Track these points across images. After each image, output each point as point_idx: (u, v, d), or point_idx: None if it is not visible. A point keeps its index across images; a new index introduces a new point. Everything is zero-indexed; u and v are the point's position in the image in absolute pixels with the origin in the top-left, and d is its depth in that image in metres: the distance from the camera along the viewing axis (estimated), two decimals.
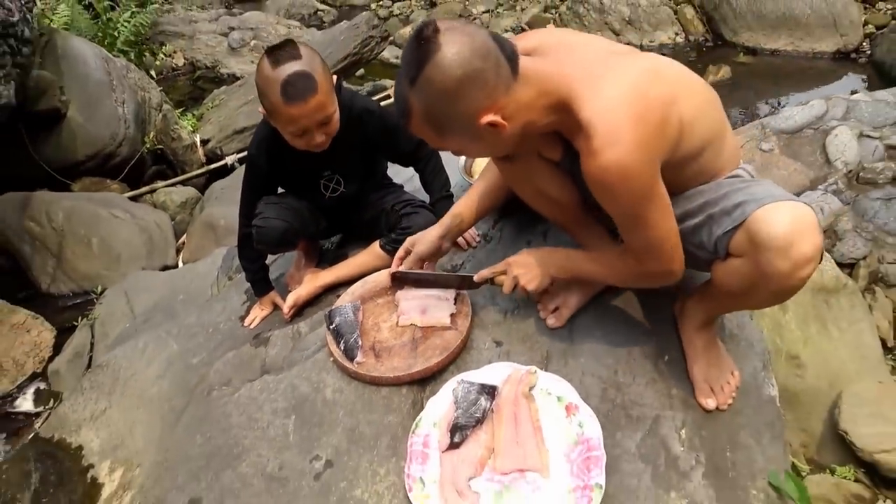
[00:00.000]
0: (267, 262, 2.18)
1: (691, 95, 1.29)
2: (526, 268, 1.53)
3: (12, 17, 3.12)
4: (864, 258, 2.36)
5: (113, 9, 5.70)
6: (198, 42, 6.94)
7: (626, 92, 1.18)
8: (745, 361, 1.62)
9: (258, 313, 2.05)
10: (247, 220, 1.89)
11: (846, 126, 2.84)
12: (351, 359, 1.63)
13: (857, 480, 1.80)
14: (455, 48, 1.16)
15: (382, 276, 1.84)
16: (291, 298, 1.93)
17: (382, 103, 5.01)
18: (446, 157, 1.99)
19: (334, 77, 1.72)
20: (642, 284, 1.55)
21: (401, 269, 1.74)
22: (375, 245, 1.95)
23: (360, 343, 1.65)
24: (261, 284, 2.04)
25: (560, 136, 1.39)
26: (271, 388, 1.71)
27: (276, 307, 2.05)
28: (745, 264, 1.24)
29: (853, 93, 3.18)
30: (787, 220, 1.16)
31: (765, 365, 1.64)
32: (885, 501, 1.74)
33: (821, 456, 1.90)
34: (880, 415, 1.83)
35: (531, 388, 1.51)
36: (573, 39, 1.37)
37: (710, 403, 1.49)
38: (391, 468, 1.46)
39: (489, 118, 1.20)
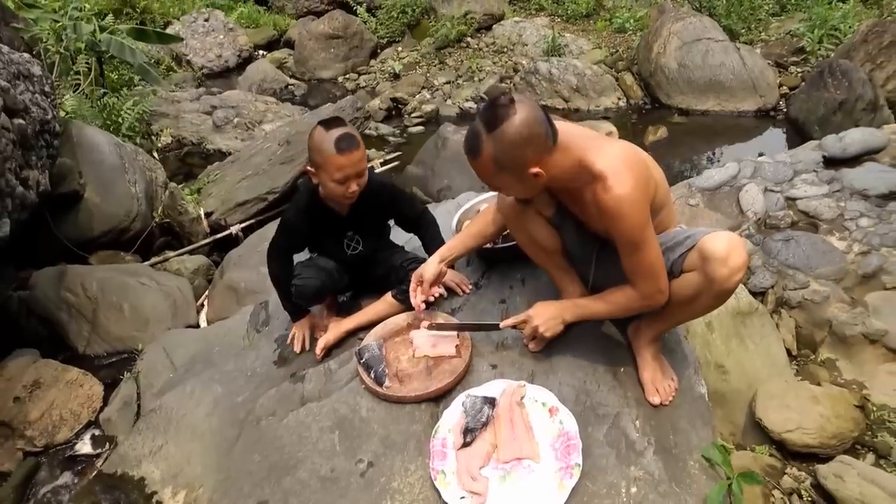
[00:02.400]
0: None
1: (655, 167, 1.75)
2: (543, 318, 1.86)
3: (47, 116, 3.49)
4: (772, 287, 2.77)
5: (104, 95, 6.07)
6: (183, 121, 7.04)
7: (622, 155, 1.64)
8: (682, 369, 1.99)
9: (301, 334, 2.33)
10: (280, 266, 2.26)
11: (754, 183, 3.29)
12: (380, 384, 1.96)
13: (770, 455, 2.18)
14: (525, 115, 1.57)
15: (399, 319, 2.19)
16: (322, 342, 2.24)
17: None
18: (441, 225, 2.43)
19: None
20: (637, 310, 1.80)
21: (421, 302, 2.07)
22: (388, 296, 2.28)
23: (386, 372, 1.99)
24: (298, 309, 2.34)
25: (554, 197, 1.86)
26: (315, 413, 1.99)
27: (312, 326, 2.35)
28: (695, 275, 1.67)
29: (760, 155, 3.68)
30: (725, 241, 1.61)
31: (696, 371, 2.01)
32: (790, 468, 2.16)
33: (744, 440, 2.28)
34: (785, 405, 2.23)
35: (522, 398, 1.84)
36: (567, 125, 1.77)
37: (657, 401, 1.86)
38: (419, 465, 1.77)
39: (536, 170, 1.62)
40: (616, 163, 1.62)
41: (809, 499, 2.09)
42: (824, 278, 2.77)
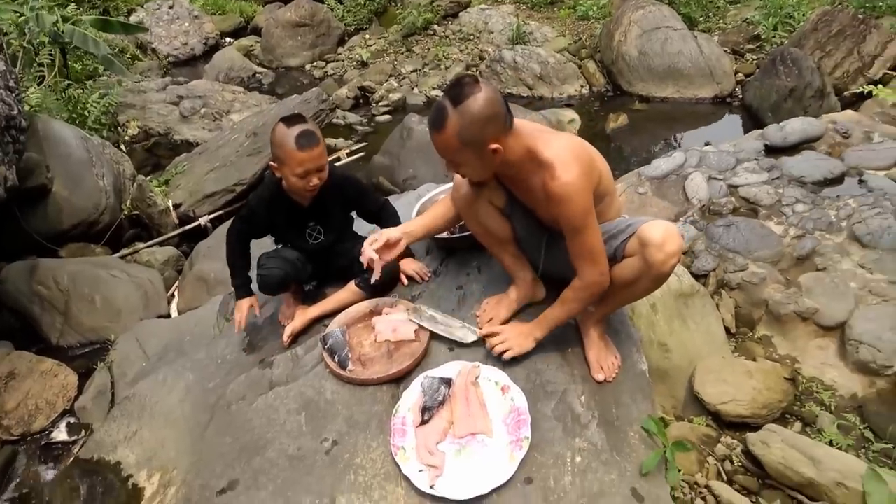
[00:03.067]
0: (262, 303, 2.65)
1: (600, 158, 1.89)
2: (516, 338, 1.99)
3: (13, 111, 3.50)
4: (714, 270, 2.94)
5: (68, 87, 6.02)
6: (149, 111, 7.04)
7: (568, 146, 1.79)
8: (625, 347, 2.12)
9: (240, 315, 2.35)
10: (235, 246, 2.38)
11: (699, 171, 3.44)
12: (344, 368, 2.06)
13: (707, 426, 2.35)
14: (488, 94, 1.70)
15: (361, 307, 2.30)
16: (289, 330, 2.33)
17: (337, 164, 5.51)
18: (402, 215, 2.53)
19: None
20: (588, 299, 1.91)
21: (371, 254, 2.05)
22: (351, 284, 2.38)
23: (349, 356, 2.09)
24: (243, 290, 2.39)
25: (505, 189, 1.99)
26: (283, 396, 2.08)
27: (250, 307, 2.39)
28: (635, 260, 1.82)
29: (706, 144, 3.87)
30: (661, 229, 1.75)
31: (638, 349, 2.15)
32: (724, 437, 2.33)
33: (684, 413, 2.44)
34: (722, 380, 2.40)
35: (476, 378, 1.96)
36: (520, 118, 1.89)
37: (601, 377, 1.99)
38: (380, 442, 1.87)
39: (495, 146, 1.74)
40: (563, 153, 1.76)
41: (740, 464, 2.27)
42: (762, 261, 2.95)
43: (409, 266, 2.43)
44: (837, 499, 2.05)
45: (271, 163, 2.18)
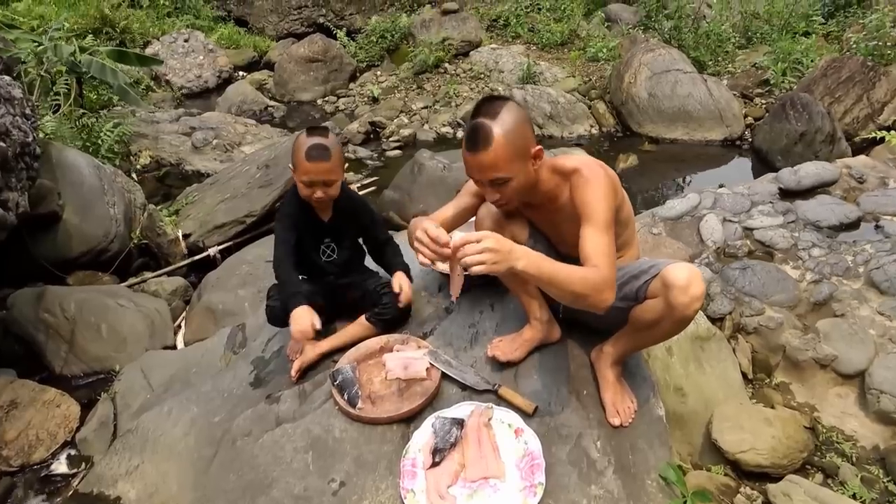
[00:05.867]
0: (270, 336, 2.63)
1: (620, 186, 1.90)
2: (496, 252, 1.54)
3: (28, 138, 3.53)
4: (730, 313, 2.89)
5: (83, 116, 6.09)
6: (162, 142, 7.02)
7: (590, 158, 1.87)
8: (641, 391, 2.09)
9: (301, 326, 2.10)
10: (283, 250, 2.24)
11: (713, 213, 3.44)
12: (353, 406, 2.03)
13: (725, 475, 2.28)
14: (514, 103, 1.78)
15: (372, 343, 2.27)
16: (297, 364, 2.30)
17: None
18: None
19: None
20: (585, 292, 1.63)
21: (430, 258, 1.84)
22: (362, 318, 2.36)
23: (359, 394, 2.06)
24: (298, 297, 2.16)
25: (528, 221, 2.02)
26: (290, 433, 2.05)
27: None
28: (658, 302, 1.80)
29: (720, 186, 3.85)
30: (686, 272, 1.74)
31: (655, 393, 2.11)
32: (744, 487, 2.26)
33: (701, 460, 2.38)
34: (740, 427, 2.35)
35: (489, 419, 1.92)
36: None
37: (617, 422, 1.95)
38: (389, 483, 1.83)
39: (536, 147, 1.80)
40: (587, 160, 1.86)
41: None
42: (778, 305, 2.91)
43: (401, 281, 2.38)
44: None
45: (289, 165, 2.25)
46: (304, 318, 2.09)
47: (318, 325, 2.11)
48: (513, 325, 2.29)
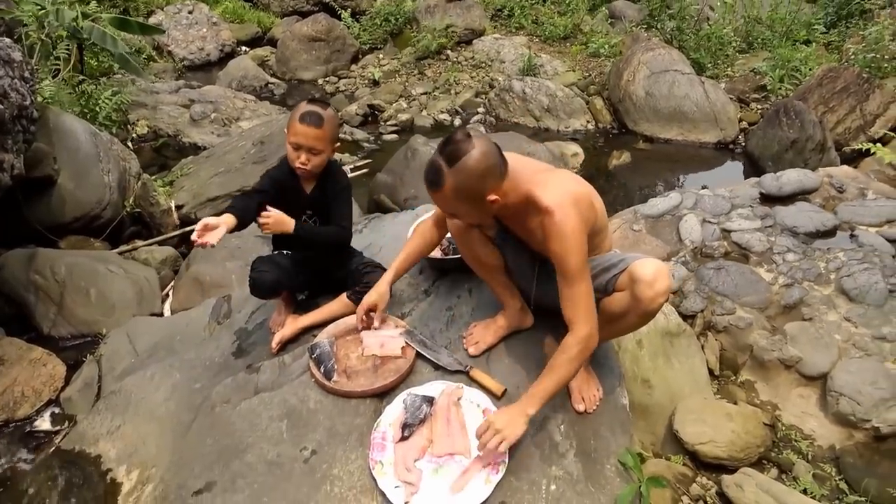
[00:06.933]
0: (254, 309, 2.69)
1: (596, 198, 1.93)
2: (506, 424, 1.75)
3: (25, 101, 3.56)
4: (702, 311, 2.97)
5: (82, 82, 6.10)
6: (160, 112, 7.04)
7: (568, 190, 1.81)
8: (607, 380, 2.16)
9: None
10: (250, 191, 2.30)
11: (694, 214, 3.49)
12: (329, 379, 2.10)
13: (684, 464, 2.36)
14: (482, 149, 1.73)
15: (351, 319, 2.33)
16: (277, 337, 2.37)
17: None
18: (398, 233, 2.57)
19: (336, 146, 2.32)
20: (579, 360, 1.82)
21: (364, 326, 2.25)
22: (343, 296, 2.43)
23: (335, 368, 2.13)
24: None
25: (497, 220, 2.02)
26: (266, 402, 2.12)
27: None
28: (624, 295, 1.87)
29: (703, 188, 3.92)
30: (652, 267, 1.81)
31: (620, 383, 2.18)
32: (700, 477, 2.35)
33: (663, 450, 2.46)
34: (702, 420, 2.43)
35: (459, 399, 2.00)
36: (514, 158, 1.93)
37: (581, 408, 2.03)
38: (359, 454, 1.90)
39: (493, 197, 1.78)
40: (563, 198, 1.78)
41: None
42: (749, 306, 2.98)
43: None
44: None
45: (285, 129, 2.28)
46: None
47: (221, 228, 2.00)
48: (489, 310, 2.35)
